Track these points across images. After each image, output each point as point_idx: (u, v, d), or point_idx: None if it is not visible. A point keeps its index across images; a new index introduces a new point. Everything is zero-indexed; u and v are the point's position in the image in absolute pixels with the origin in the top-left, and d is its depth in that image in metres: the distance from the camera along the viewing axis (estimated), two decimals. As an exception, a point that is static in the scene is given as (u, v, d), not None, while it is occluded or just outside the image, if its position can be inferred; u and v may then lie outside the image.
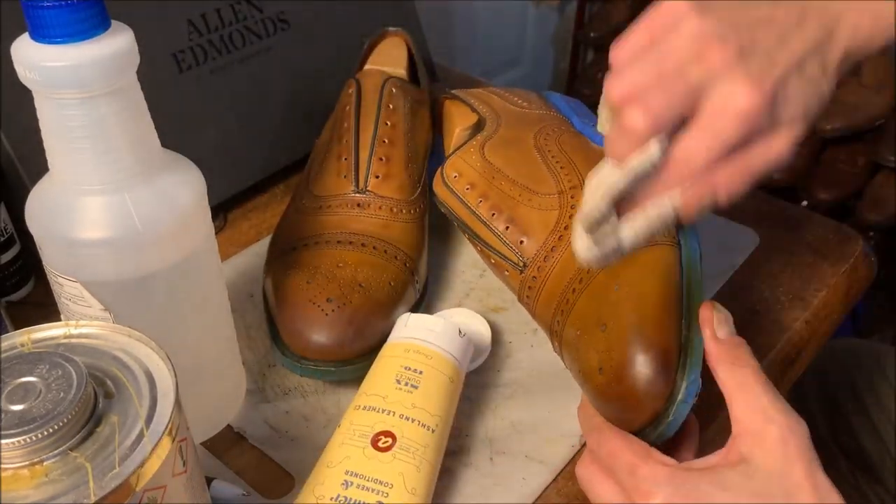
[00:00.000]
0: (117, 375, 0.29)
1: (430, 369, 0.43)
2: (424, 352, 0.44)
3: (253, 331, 0.52)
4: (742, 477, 0.34)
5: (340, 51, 0.68)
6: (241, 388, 0.48)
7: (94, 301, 0.37)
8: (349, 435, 0.41)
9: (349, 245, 0.50)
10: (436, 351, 0.44)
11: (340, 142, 0.54)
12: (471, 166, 0.51)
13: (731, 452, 0.36)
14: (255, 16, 0.63)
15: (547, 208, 0.48)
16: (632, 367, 0.38)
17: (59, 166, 0.35)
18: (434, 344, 0.44)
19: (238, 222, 0.63)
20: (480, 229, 0.49)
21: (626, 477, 0.36)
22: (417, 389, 0.42)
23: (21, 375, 0.27)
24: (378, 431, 0.40)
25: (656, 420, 0.39)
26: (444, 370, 0.43)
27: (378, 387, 0.43)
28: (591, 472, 0.39)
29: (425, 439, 0.41)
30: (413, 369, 0.43)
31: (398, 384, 0.42)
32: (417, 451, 0.40)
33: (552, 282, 0.46)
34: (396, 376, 0.43)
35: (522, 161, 0.50)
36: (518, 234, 0.47)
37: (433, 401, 0.42)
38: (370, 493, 0.38)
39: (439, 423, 0.42)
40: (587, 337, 0.41)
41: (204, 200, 0.39)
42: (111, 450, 0.26)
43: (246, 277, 0.56)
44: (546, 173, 0.49)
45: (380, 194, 0.52)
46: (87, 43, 0.32)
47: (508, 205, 0.48)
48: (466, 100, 0.58)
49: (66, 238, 0.35)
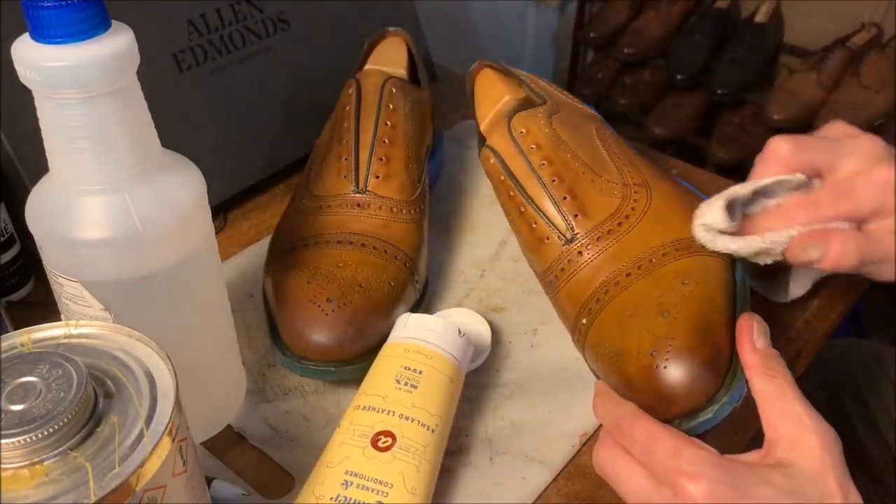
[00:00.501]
0: (117, 375, 0.29)
1: (429, 369, 0.43)
2: (424, 352, 0.44)
3: (253, 331, 0.52)
4: (783, 476, 0.35)
5: (340, 51, 0.68)
6: (241, 388, 0.48)
7: (94, 301, 0.37)
8: (349, 435, 0.41)
9: (349, 245, 0.50)
10: (436, 351, 0.44)
11: (340, 142, 0.54)
12: (539, 129, 0.51)
13: (768, 455, 0.37)
14: (255, 16, 0.63)
15: (609, 194, 0.48)
16: (690, 357, 0.40)
17: (59, 166, 0.35)
18: (434, 344, 0.44)
19: (238, 222, 0.63)
20: (535, 190, 0.49)
21: (667, 459, 0.36)
22: (417, 389, 0.42)
23: (21, 375, 0.27)
24: (378, 431, 0.40)
25: (692, 414, 0.40)
26: (443, 370, 0.43)
27: (378, 387, 0.43)
28: (615, 455, 0.39)
29: (425, 439, 0.41)
30: (413, 369, 0.43)
31: (398, 384, 0.42)
32: (417, 451, 0.40)
33: (604, 261, 0.46)
34: (396, 376, 0.43)
35: (587, 145, 0.51)
36: (575, 208, 0.48)
37: (433, 401, 0.42)
38: (370, 493, 0.38)
39: (439, 422, 0.42)
40: (641, 319, 0.42)
41: (204, 200, 0.39)
42: (111, 450, 0.26)
43: (246, 277, 0.56)
44: (610, 163, 0.50)
45: (380, 194, 0.52)
46: (87, 43, 0.32)
47: (571, 177, 0.48)
48: (518, 76, 0.58)
49: (66, 238, 0.35)
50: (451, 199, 0.65)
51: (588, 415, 0.47)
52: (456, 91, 0.80)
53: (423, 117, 0.59)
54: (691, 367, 0.39)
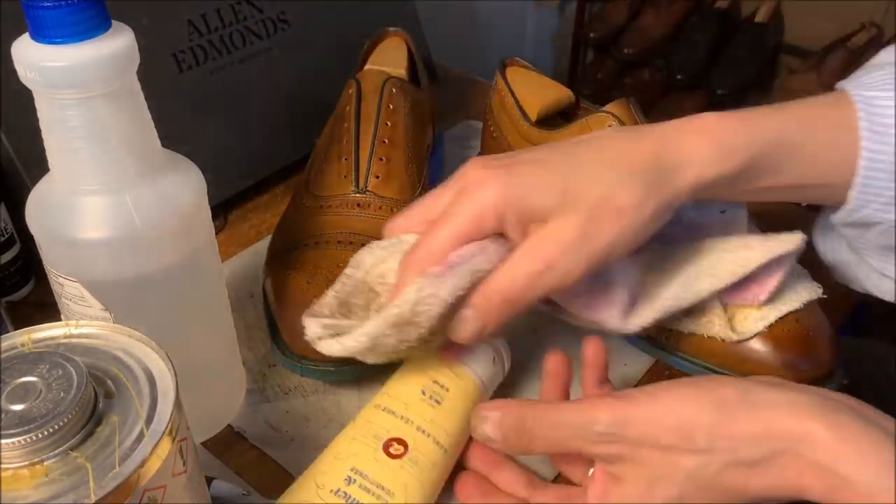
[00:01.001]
0: (117, 375, 0.29)
1: (456, 389, 0.42)
2: (456, 370, 0.43)
3: (253, 331, 0.52)
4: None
5: (340, 51, 0.68)
6: (241, 388, 0.48)
7: (95, 301, 0.37)
8: (363, 432, 0.40)
9: (349, 245, 0.50)
10: (467, 373, 0.43)
11: (341, 142, 0.54)
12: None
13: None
14: (255, 16, 0.63)
15: None
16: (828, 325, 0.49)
17: (60, 166, 0.35)
18: (468, 365, 0.43)
19: (238, 222, 0.63)
20: None
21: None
22: (440, 406, 0.41)
23: (21, 375, 0.27)
24: (392, 437, 0.40)
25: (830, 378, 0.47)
26: (470, 393, 0.43)
27: (402, 392, 0.42)
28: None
29: (436, 457, 0.40)
30: (441, 384, 0.42)
31: (423, 395, 0.41)
32: (426, 468, 0.39)
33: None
34: (423, 387, 0.42)
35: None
36: None
37: (452, 421, 0.41)
38: (370, 496, 0.38)
39: (452, 444, 0.41)
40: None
41: (204, 200, 0.39)
42: (111, 450, 0.26)
43: (246, 277, 0.56)
44: None
45: (380, 194, 0.52)
46: (87, 43, 0.32)
47: None
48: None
49: (66, 238, 0.35)
50: (451, 199, 0.64)
51: (588, 415, 0.47)
52: (456, 91, 0.80)
53: (423, 117, 0.59)
54: (829, 335, 0.48)
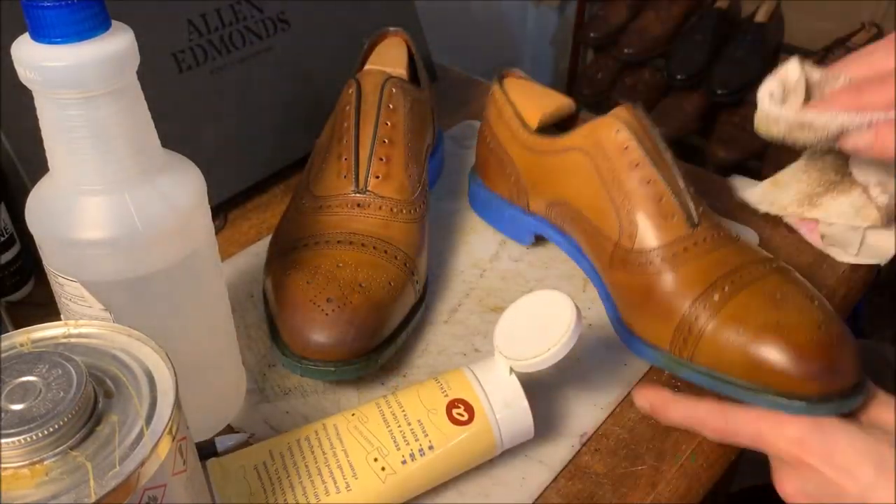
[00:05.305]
0: (117, 375, 0.29)
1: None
2: (476, 407, 0.42)
3: (253, 331, 0.52)
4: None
5: (340, 51, 0.68)
6: (241, 388, 0.48)
7: (94, 301, 0.37)
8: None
9: (349, 245, 0.50)
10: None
11: (340, 142, 0.54)
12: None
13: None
14: (255, 16, 0.63)
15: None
16: (851, 338, 0.45)
17: (59, 166, 0.35)
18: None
19: (238, 222, 0.63)
20: (666, 169, 0.50)
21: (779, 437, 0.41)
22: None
23: (21, 375, 0.27)
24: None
25: (856, 388, 0.43)
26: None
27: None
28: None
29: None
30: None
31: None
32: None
33: (732, 253, 0.48)
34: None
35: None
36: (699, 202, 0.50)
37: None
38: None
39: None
40: (795, 301, 0.45)
41: (204, 200, 0.39)
42: (111, 449, 0.26)
43: (246, 277, 0.56)
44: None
45: (380, 194, 0.52)
46: (87, 43, 0.32)
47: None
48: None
49: (66, 238, 0.35)
50: (451, 199, 0.65)
51: (588, 415, 0.47)
52: (456, 91, 0.80)
53: (423, 117, 0.59)
54: (854, 345, 0.44)
